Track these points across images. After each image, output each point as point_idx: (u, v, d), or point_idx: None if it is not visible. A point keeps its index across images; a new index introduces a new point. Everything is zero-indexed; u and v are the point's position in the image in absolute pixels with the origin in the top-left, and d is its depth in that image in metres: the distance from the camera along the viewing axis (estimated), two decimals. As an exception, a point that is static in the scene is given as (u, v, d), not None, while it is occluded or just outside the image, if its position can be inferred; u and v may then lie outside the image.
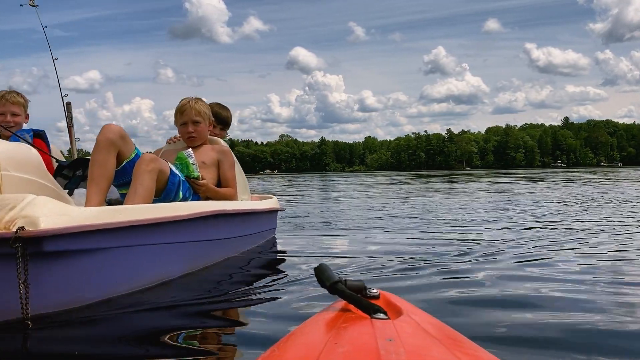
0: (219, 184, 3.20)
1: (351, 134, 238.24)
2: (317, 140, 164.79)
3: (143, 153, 2.77)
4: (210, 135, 3.52)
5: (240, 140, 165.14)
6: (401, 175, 42.37)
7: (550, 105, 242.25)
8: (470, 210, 7.16)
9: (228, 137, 4.16)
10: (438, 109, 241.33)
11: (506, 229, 4.84)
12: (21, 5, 4.39)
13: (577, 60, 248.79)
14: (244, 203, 3.44)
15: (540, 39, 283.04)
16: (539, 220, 5.66)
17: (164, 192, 2.74)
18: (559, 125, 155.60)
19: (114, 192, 3.00)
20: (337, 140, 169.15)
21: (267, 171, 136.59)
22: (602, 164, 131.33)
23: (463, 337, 0.82)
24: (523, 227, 4.95)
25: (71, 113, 4.33)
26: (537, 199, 9.24)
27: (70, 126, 4.28)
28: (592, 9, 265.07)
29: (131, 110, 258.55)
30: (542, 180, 19.77)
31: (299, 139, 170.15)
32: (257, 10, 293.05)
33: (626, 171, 38.87)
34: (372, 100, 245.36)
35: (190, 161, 2.97)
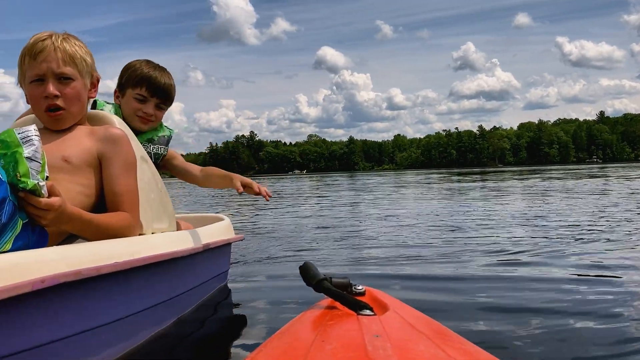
0: (102, 204, 1.60)
1: (380, 133, 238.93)
2: (345, 139, 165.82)
3: None
4: (122, 109, 2.03)
5: (269, 140, 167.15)
6: (433, 173, 42.12)
7: (583, 99, 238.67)
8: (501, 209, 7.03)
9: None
10: (468, 106, 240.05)
11: (515, 227, 4.73)
12: None
13: (612, 53, 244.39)
14: (153, 240, 1.73)
15: (572, 32, 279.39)
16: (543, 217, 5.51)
17: None
18: (593, 120, 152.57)
19: None
20: (365, 139, 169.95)
21: (296, 171, 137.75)
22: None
23: (449, 331, 0.81)
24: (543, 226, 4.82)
25: None
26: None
27: None
28: (626, 0, 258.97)
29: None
30: (601, 176, 19.29)
31: (327, 139, 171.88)
32: (284, 11, 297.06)
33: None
34: (401, 98, 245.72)
35: (26, 152, 1.25)
